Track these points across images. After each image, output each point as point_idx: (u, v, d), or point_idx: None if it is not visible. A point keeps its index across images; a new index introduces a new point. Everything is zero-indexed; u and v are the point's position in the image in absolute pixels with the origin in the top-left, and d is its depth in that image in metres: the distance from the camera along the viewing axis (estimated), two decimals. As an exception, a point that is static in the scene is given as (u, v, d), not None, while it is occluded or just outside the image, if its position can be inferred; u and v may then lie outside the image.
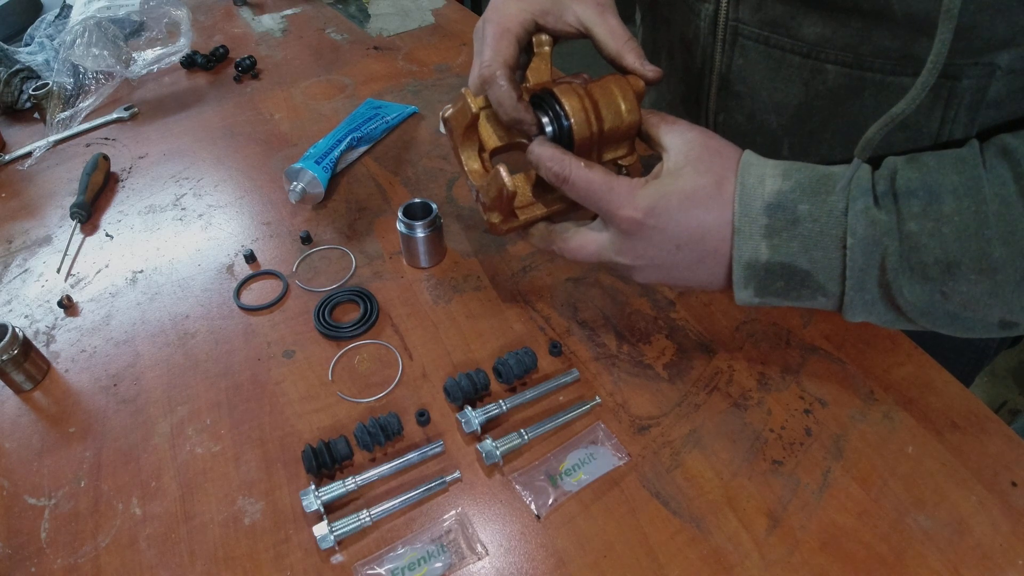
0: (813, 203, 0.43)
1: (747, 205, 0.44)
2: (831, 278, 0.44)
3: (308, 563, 0.46)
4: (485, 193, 0.51)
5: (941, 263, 0.41)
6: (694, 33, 0.61)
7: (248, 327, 0.63)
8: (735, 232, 0.45)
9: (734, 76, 0.59)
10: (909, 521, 0.47)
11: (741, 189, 0.45)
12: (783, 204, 0.43)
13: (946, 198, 0.41)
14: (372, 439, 0.52)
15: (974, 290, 0.41)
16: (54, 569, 0.47)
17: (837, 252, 0.43)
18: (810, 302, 0.46)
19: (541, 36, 0.54)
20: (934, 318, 0.43)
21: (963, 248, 0.40)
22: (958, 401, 0.54)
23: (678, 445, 0.52)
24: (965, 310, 0.42)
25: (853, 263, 0.42)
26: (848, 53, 0.50)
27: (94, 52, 0.95)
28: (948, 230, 0.40)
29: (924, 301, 0.42)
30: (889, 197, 0.42)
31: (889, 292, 0.43)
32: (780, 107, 0.57)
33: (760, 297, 0.47)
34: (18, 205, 0.80)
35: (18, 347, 0.57)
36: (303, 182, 0.73)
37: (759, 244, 0.44)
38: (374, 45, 1.10)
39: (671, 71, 0.68)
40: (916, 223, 0.41)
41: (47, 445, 0.54)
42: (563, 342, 0.60)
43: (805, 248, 0.43)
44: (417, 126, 0.90)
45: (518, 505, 0.49)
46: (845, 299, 0.44)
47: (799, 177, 0.44)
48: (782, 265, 0.44)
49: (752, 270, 0.45)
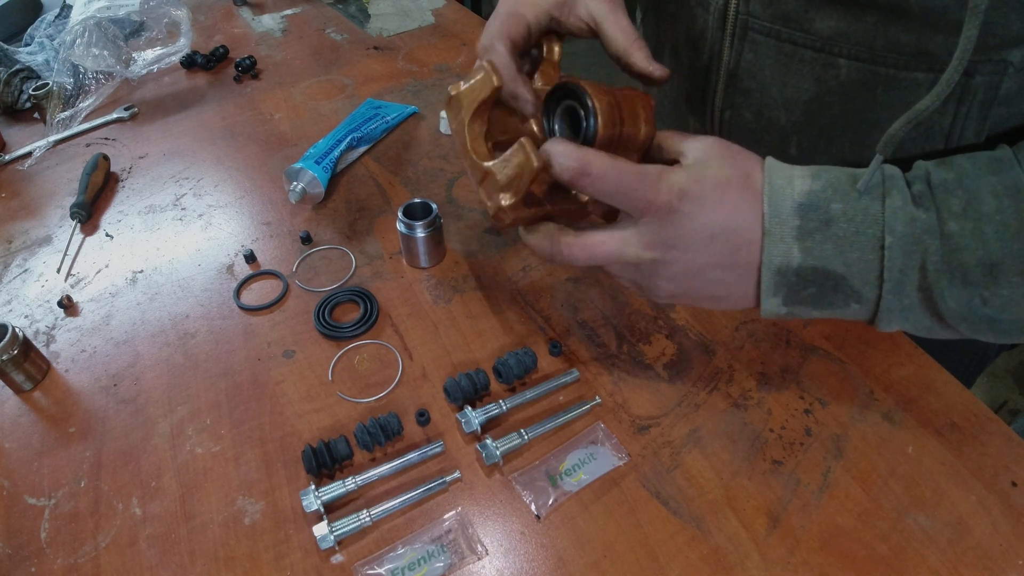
0: (847, 202, 0.41)
1: (777, 206, 0.42)
2: (867, 282, 0.42)
3: (308, 563, 0.46)
4: (501, 170, 0.46)
5: (984, 265, 0.39)
6: (701, 28, 0.60)
7: (248, 327, 0.63)
8: (765, 234, 0.42)
9: (743, 72, 0.58)
10: (909, 521, 0.47)
11: (770, 189, 0.43)
12: (815, 204, 0.41)
13: (986, 198, 0.39)
14: (372, 439, 0.52)
15: (1015, 293, 0.39)
16: (54, 569, 0.47)
17: (874, 253, 0.41)
18: (842, 310, 0.44)
19: (552, 42, 0.53)
20: (973, 323, 0.42)
21: (1006, 249, 0.39)
22: (958, 401, 0.54)
23: (678, 445, 0.52)
24: (1003, 313, 0.41)
25: (892, 264, 0.40)
26: (862, 48, 0.49)
27: (94, 52, 0.95)
28: (990, 230, 0.39)
29: (964, 306, 0.41)
30: (927, 196, 0.40)
31: (930, 296, 0.41)
32: (790, 103, 0.56)
33: (788, 306, 0.44)
34: (18, 205, 0.80)
35: (18, 347, 0.57)
36: (303, 182, 0.73)
37: (791, 247, 0.42)
38: (374, 45, 1.10)
39: (676, 68, 0.67)
40: (956, 223, 0.39)
41: (47, 445, 0.54)
42: (563, 342, 0.60)
43: (840, 250, 0.41)
44: (417, 126, 0.90)
45: (518, 505, 0.49)
46: (881, 304, 0.42)
47: (829, 177, 0.42)
48: (815, 270, 0.42)
49: (783, 276, 0.43)
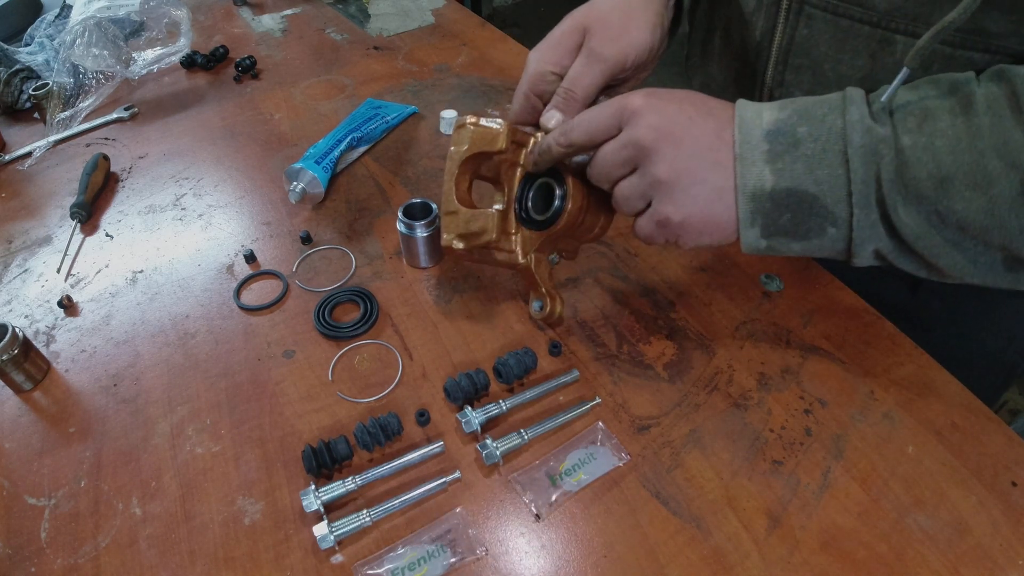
0: (812, 124, 0.43)
1: (747, 133, 0.45)
2: (838, 199, 0.43)
3: (308, 563, 0.46)
4: (466, 223, 0.53)
5: (934, 178, 0.40)
6: (756, 4, 0.60)
7: (248, 327, 0.63)
8: (737, 159, 0.45)
9: (796, 48, 0.58)
10: (909, 521, 0.47)
11: (740, 121, 0.45)
12: (782, 129, 0.44)
13: (941, 115, 0.41)
14: (372, 439, 0.52)
15: (969, 208, 0.40)
16: (54, 569, 0.47)
17: (841, 168, 0.42)
18: (819, 239, 0.45)
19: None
20: (932, 245, 0.43)
21: (956, 161, 0.40)
22: (958, 401, 0.54)
23: (678, 445, 0.52)
24: (963, 235, 0.42)
25: (855, 175, 0.42)
26: (919, 24, 0.49)
27: (94, 52, 0.95)
28: (941, 143, 0.40)
29: (920, 223, 0.42)
30: (885, 113, 0.42)
31: (885, 211, 0.42)
32: (842, 80, 0.56)
33: (768, 238, 0.46)
34: (18, 205, 0.80)
35: (18, 347, 0.57)
36: (303, 182, 0.73)
37: (763, 170, 0.44)
38: (374, 45, 1.10)
39: (725, 48, 0.67)
40: (910, 137, 0.41)
41: (47, 445, 0.54)
42: (563, 342, 0.60)
43: (809, 168, 0.43)
44: (417, 126, 0.90)
45: (518, 505, 0.49)
46: (854, 222, 0.43)
47: (795, 106, 0.45)
48: (788, 191, 0.44)
49: (758, 201, 0.45)
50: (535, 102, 0.57)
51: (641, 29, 0.55)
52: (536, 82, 0.56)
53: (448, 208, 0.54)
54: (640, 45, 0.55)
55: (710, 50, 0.71)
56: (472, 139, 0.53)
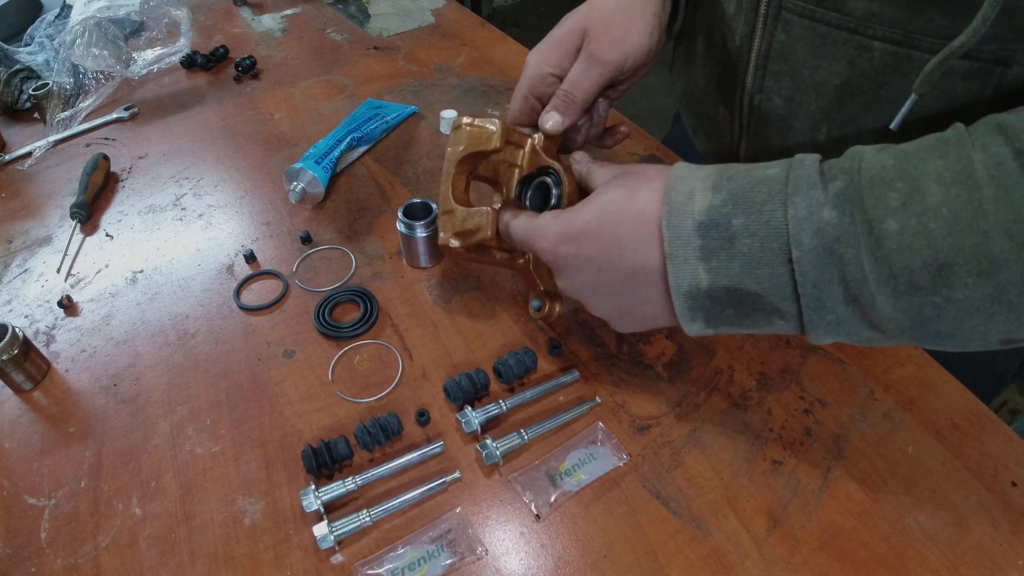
0: (749, 215, 0.38)
1: (676, 227, 0.40)
2: (784, 297, 0.39)
3: (308, 563, 0.46)
4: (462, 221, 0.53)
5: (931, 266, 0.35)
6: (736, 9, 0.59)
7: (248, 327, 0.63)
8: (668, 258, 0.41)
9: (775, 54, 0.57)
10: (909, 521, 0.47)
11: (668, 210, 0.41)
12: (715, 220, 0.39)
13: (930, 187, 0.35)
14: (372, 439, 0.52)
15: (972, 296, 0.35)
16: (54, 569, 0.47)
17: (784, 268, 0.38)
18: (768, 327, 0.41)
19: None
20: (922, 336, 0.37)
21: (955, 245, 0.34)
22: (958, 401, 0.54)
23: (678, 445, 0.52)
24: (962, 325, 0.36)
25: (804, 279, 0.37)
26: (896, 29, 0.48)
27: (94, 52, 0.95)
28: (935, 226, 0.34)
29: (910, 316, 0.36)
30: (847, 198, 0.36)
31: (862, 309, 0.37)
32: (821, 87, 0.55)
33: (714, 328, 0.43)
34: (18, 205, 0.80)
35: (18, 347, 0.57)
36: (303, 182, 0.73)
37: (696, 268, 0.40)
38: (374, 45, 1.10)
39: (708, 53, 0.67)
40: (895, 221, 0.35)
41: (47, 445, 0.54)
42: (563, 342, 0.60)
43: (748, 267, 0.39)
44: (417, 126, 0.90)
45: (518, 505, 0.49)
46: (805, 320, 0.39)
47: (731, 188, 0.40)
48: (726, 290, 0.40)
49: (695, 299, 0.41)
50: (534, 103, 0.57)
51: (641, 32, 0.55)
52: (535, 83, 0.56)
53: (445, 207, 0.55)
54: (639, 48, 0.55)
55: (693, 55, 0.71)
56: (468, 139, 0.53)
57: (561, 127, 0.55)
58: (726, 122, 0.66)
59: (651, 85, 2.78)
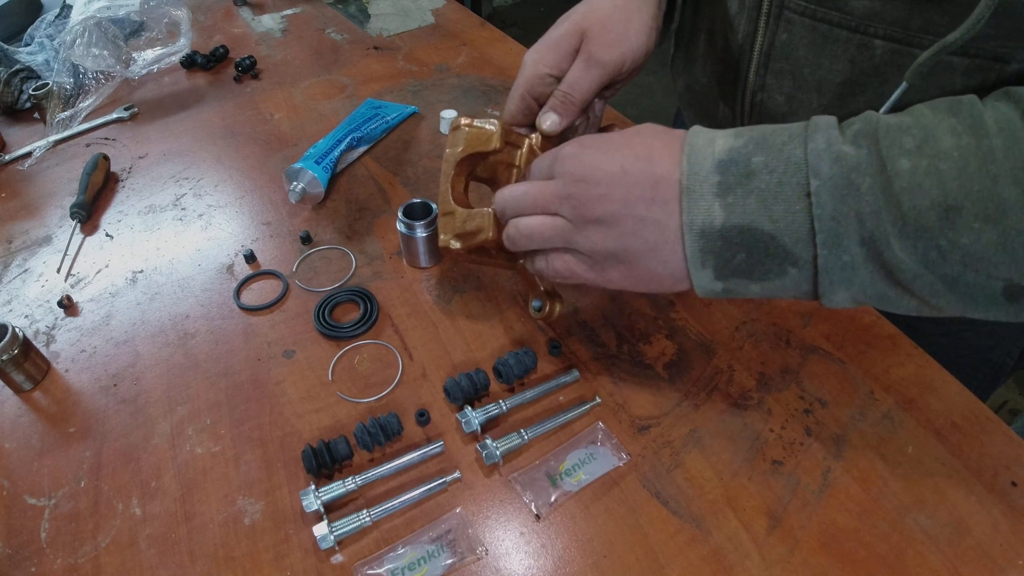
0: (769, 153, 0.39)
1: (696, 163, 0.40)
2: (798, 239, 0.38)
3: (308, 563, 0.46)
4: (463, 223, 0.53)
5: (939, 207, 0.35)
6: (737, 7, 0.60)
7: (248, 327, 0.63)
8: (684, 192, 0.40)
9: (776, 53, 0.57)
10: (909, 521, 0.47)
11: (690, 149, 0.41)
12: (735, 159, 0.39)
13: (943, 136, 0.36)
14: (372, 439, 0.52)
15: (978, 242, 0.35)
16: (54, 569, 0.47)
17: (801, 203, 0.37)
18: (780, 280, 0.40)
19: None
20: (929, 283, 0.37)
21: (965, 188, 0.35)
22: (958, 401, 0.54)
23: (678, 445, 0.52)
24: (966, 270, 0.36)
25: (822, 212, 0.37)
26: (897, 28, 0.49)
27: (94, 52, 0.95)
28: (947, 167, 0.35)
29: (918, 259, 0.36)
30: (865, 135, 0.37)
31: (876, 248, 0.37)
32: (823, 85, 0.56)
33: (722, 280, 0.41)
34: (18, 205, 0.80)
35: (18, 347, 0.57)
36: (303, 182, 0.73)
37: (711, 204, 0.39)
38: (374, 45, 1.10)
39: (709, 51, 0.67)
40: (908, 160, 0.36)
41: (47, 445, 0.54)
42: (563, 342, 0.60)
43: (764, 204, 0.38)
44: (417, 126, 0.90)
45: (518, 505, 0.49)
46: (819, 264, 0.38)
47: (752, 133, 0.41)
48: (740, 229, 0.39)
49: (707, 239, 0.40)
50: (531, 103, 0.57)
51: (639, 33, 0.55)
52: (533, 84, 0.56)
53: (445, 209, 0.54)
54: (638, 50, 0.55)
55: (694, 53, 0.71)
56: (467, 140, 0.53)
57: (559, 127, 0.55)
58: (727, 120, 0.67)
59: (651, 85, 2.78)
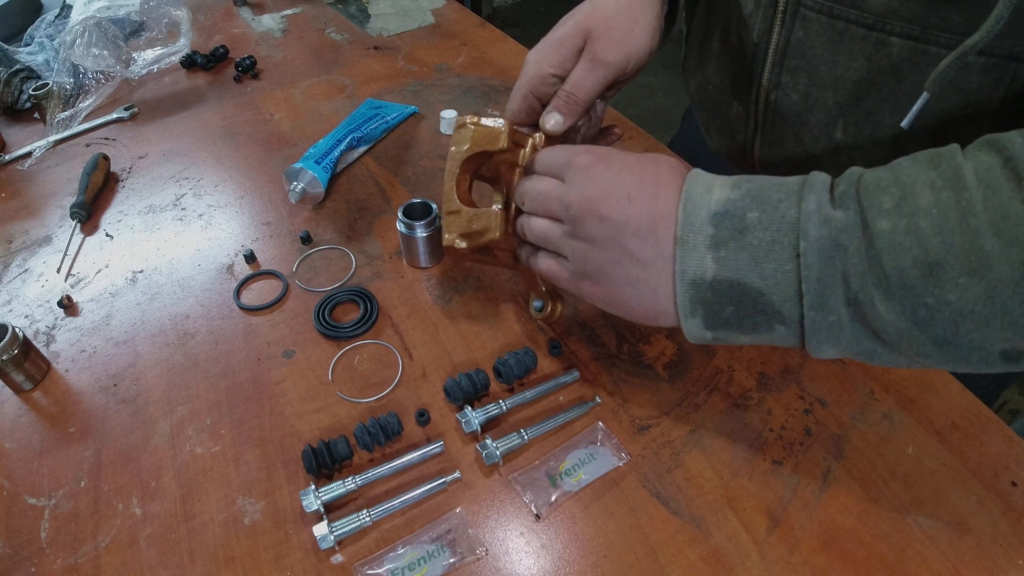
0: (764, 210, 0.39)
1: (691, 213, 0.41)
2: (786, 298, 0.39)
3: (308, 563, 0.46)
4: (469, 222, 0.53)
5: (921, 264, 0.35)
6: (753, 5, 0.60)
7: (248, 327, 0.63)
8: (678, 243, 0.41)
9: (792, 50, 0.57)
10: (909, 521, 0.47)
11: (686, 197, 0.42)
12: (731, 212, 0.40)
13: (921, 191, 0.36)
14: (372, 439, 0.52)
15: (965, 298, 0.35)
16: (54, 569, 0.47)
17: (791, 263, 0.38)
18: (768, 335, 0.41)
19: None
20: (919, 344, 0.37)
21: (946, 244, 0.35)
22: (958, 401, 0.54)
23: (678, 445, 0.52)
24: (957, 331, 0.36)
25: (808, 273, 0.37)
26: (914, 25, 0.49)
27: (94, 52, 0.95)
28: (926, 224, 0.35)
29: (906, 318, 0.36)
30: (850, 196, 0.38)
31: (860, 309, 0.37)
32: (839, 83, 0.55)
33: (712, 330, 0.42)
34: (18, 205, 0.80)
35: (18, 347, 0.57)
36: (303, 182, 0.73)
37: (704, 256, 0.40)
38: (374, 45, 1.10)
39: (723, 50, 0.67)
40: (887, 220, 0.36)
41: (47, 445, 0.54)
42: (563, 342, 0.60)
43: (755, 260, 0.39)
44: (417, 126, 0.90)
45: (518, 505, 0.49)
46: (805, 323, 0.39)
47: (750, 186, 0.41)
48: (731, 283, 0.40)
49: (698, 290, 0.41)
50: (534, 103, 0.57)
51: (644, 33, 0.55)
52: (536, 83, 0.56)
53: (450, 208, 0.54)
54: (642, 50, 0.55)
55: (707, 52, 0.71)
56: (473, 138, 0.53)
57: (563, 127, 0.55)
58: (740, 119, 0.67)
59: (651, 85, 2.78)
